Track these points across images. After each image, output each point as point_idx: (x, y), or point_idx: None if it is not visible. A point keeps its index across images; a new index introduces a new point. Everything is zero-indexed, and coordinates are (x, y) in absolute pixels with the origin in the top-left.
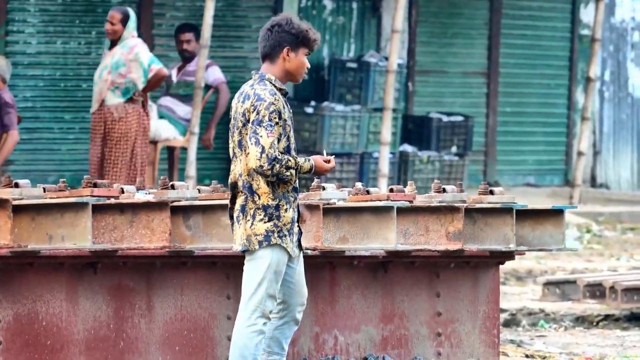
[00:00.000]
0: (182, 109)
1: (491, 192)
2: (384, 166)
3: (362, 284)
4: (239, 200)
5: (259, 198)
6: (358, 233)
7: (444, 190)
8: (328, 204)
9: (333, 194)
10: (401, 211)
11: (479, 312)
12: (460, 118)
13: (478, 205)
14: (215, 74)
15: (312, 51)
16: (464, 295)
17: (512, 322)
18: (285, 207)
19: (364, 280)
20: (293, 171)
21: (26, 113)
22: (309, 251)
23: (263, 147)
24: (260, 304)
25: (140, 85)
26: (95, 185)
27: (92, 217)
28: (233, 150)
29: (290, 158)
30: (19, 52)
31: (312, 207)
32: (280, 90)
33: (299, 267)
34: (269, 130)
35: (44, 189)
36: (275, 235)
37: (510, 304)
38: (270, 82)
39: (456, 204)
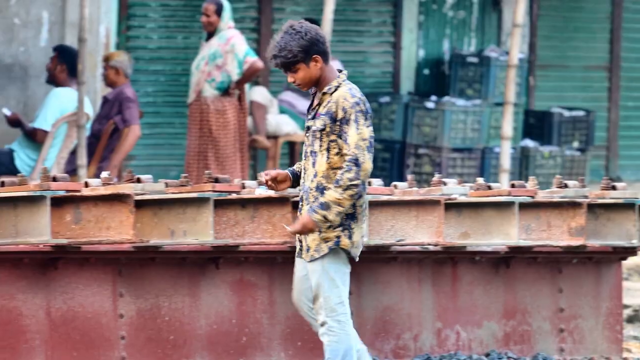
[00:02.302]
0: (302, 104)
1: (613, 188)
2: (505, 161)
3: (484, 279)
4: None
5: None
6: (480, 228)
7: (566, 186)
8: (449, 199)
9: (454, 189)
10: (523, 207)
11: (601, 308)
12: (581, 113)
13: (600, 201)
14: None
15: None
16: (587, 291)
17: (635, 318)
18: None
19: (486, 275)
20: None
21: (147, 108)
22: (430, 246)
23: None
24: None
25: (235, 77)
26: (216, 181)
27: (213, 212)
28: None
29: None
30: (140, 47)
31: (433, 202)
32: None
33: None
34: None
35: (166, 184)
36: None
37: (634, 300)
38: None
39: (578, 200)
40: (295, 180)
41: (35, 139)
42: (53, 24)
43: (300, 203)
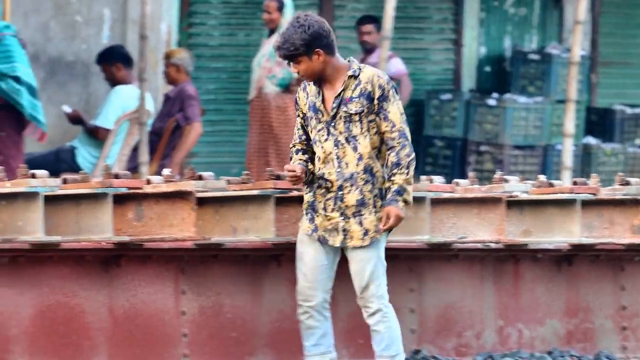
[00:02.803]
0: None
1: None
2: (567, 159)
3: (546, 277)
4: None
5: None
6: (541, 226)
7: (628, 183)
8: (511, 196)
9: (516, 186)
10: (585, 204)
11: None
12: None
13: None
14: (397, 66)
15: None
16: None
17: None
18: (304, 190)
19: (548, 273)
20: None
21: (209, 105)
22: (492, 244)
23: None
24: None
25: (295, 74)
26: (278, 178)
27: (275, 209)
28: None
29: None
30: (201, 44)
31: (495, 200)
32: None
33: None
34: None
35: (228, 181)
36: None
37: None
38: None
39: None
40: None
41: (97, 136)
42: (115, 21)
43: (340, 192)
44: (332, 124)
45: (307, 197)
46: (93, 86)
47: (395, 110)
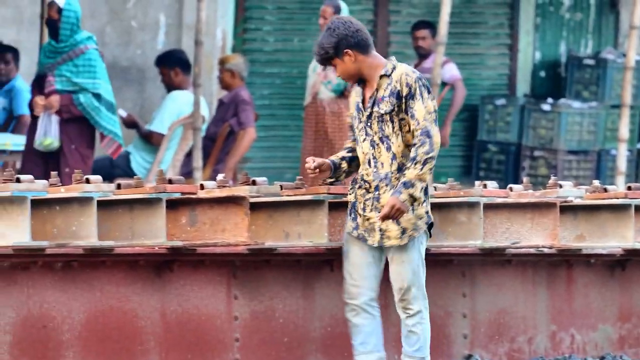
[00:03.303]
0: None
1: None
2: (622, 164)
3: (599, 282)
4: None
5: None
6: (595, 231)
7: None
8: (565, 201)
9: (570, 191)
10: (639, 209)
11: None
12: None
13: None
14: (452, 71)
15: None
16: None
17: None
18: (349, 190)
19: (601, 278)
20: None
21: (263, 110)
22: (545, 249)
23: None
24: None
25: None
26: (331, 183)
27: (328, 214)
28: None
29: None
30: (256, 49)
31: (549, 205)
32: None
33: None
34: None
35: (281, 186)
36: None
37: None
38: None
39: None
40: (335, 170)
41: (151, 141)
42: (170, 26)
43: (377, 192)
44: (368, 124)
45: (350, 197)
46: (148, 91)
47: (421, 108)
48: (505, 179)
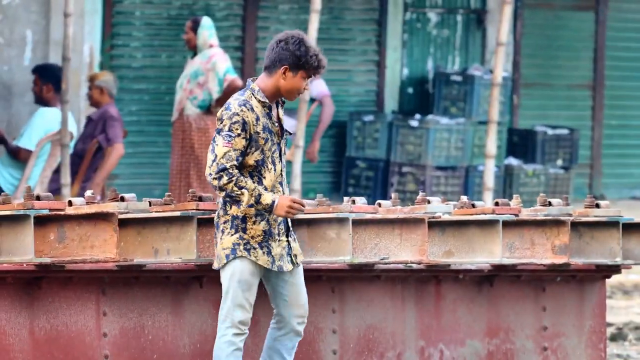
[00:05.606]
0: (287, 123)
1: (597, 206)
2: (489, 179)
3: (467, 297)
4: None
5: (230, 208)
6: (463, 247)
7: (550, 204)
8: (433, 217)
9: (438, 207)
10: (507, 225)
11: (585, 327)
12: (565, 131)
13: (584, 219)
14: (320, 87)
15: (312, 76)
16: (570, 309)
17: (618, 336)
18: (253, 219)
19: (469, 294)
20: (246, 192)
21: (131, 127)
22: (414, 265)
23: (216, 156)
24: (228, 314)
25: (215, 95)
26: (200, 199)
27: (197, 230)
28: None
29: (248, 180)
30: (124, 66)
31: (417, 221)
32: (261, 102)
33: (296, 280)
34: (227, 140)
35: (150, 202)
36: (241, 247)
37: (617, 318)
38: (252, 93)
39: (562, 218)
40: None
41: (19, 157)
42: (37, 42)
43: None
44: (279, 145)
45: (262, 226)
46: (15, 108)
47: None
48: (373, 194)
